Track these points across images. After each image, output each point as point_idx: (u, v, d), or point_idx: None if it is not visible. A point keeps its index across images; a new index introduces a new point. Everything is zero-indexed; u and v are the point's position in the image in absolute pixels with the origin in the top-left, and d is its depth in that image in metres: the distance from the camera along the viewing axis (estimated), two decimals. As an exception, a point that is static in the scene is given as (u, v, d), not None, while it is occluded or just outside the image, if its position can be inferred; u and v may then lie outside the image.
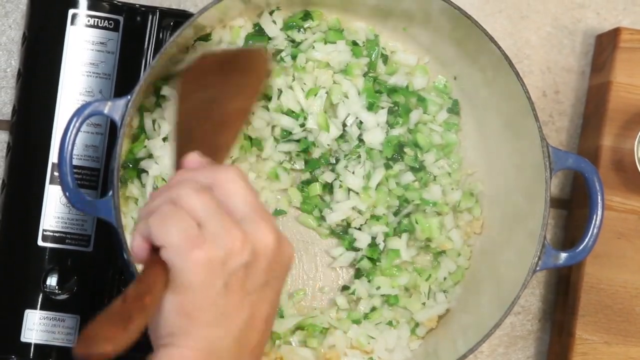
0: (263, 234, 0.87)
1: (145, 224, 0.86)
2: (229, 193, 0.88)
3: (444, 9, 1.17)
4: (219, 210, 0.87)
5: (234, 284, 0.86)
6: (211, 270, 0.85)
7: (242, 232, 0.86)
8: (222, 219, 0.86)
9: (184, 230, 0.85)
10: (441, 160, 1.24)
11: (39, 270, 1.20)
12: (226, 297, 0.86)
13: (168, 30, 1.23)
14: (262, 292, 0.89)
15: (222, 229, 0.86)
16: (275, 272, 0.89)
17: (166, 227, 0.85)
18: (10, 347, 1.20)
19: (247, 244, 0.86)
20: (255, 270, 0.87)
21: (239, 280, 0.87)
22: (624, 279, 1.27)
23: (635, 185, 1.27)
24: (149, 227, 0.86)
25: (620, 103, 1.28)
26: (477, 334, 1.15)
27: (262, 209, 0.89)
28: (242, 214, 0.88)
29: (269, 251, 0.88)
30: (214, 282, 0.85)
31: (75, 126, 1.08)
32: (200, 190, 0.87)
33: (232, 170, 0.89)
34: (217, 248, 0.85)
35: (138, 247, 0.87)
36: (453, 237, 1.24)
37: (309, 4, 1.24)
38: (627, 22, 1.35)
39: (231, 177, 0.89)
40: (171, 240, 0.85)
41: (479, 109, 1.25)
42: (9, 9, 1.26)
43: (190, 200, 0.86)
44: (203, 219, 0.86)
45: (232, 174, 0.89)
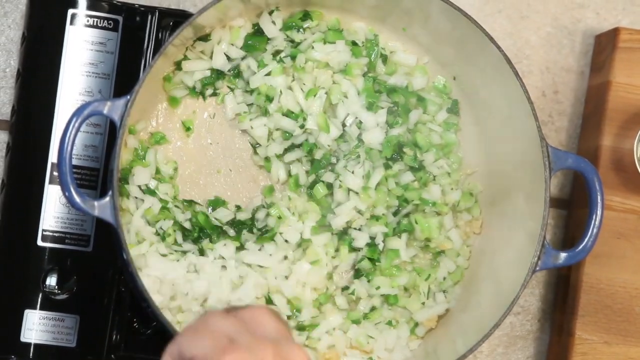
0: (295, 351, 0.89)
1: (174, 344, 0.88)
2: (259, 322, 0.90)
3: (444, 9, 1.17)
4: (248, 330, 0.88)
5: None
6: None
7: (274, 347, 0.87)
8: (253, 336, 0.88)
9: (215, 340, 0.86)
10: (441, 160, 1.24)
11: (38, 270, 1.20)
12: None
13: (167, 30, 1.23)
14: None
15: (254, 342, 0.87)
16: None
17: (196, 339, 0.87)
18: (10, 346, 1.20)
19: (278, 357, 0.87)
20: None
21: None
22: (623, 278, 1.27)
23: (634, 185, 1.27)
24: (177, 344, 0.88)
25: (620, 103, 1.28)
26: (477, 334, 1.15)
27: (292, 338, 0.91)
28: (273, 338, 0.89)
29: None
30: None
31: (75, 126, 1.08)
32: (229, 316, 0.89)
33: (260, 306, 0.92)
34: (249, 356, 0.86)
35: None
36: (452, 237, 1.24)
37: (309, 4, 1.24)
38: (627, 22, 1.35)
39: (260, 310, 0.91)
40: (202, 351, 0.86)
41: (478, 109, 1.25)
42: (8, 9, 1.26)
43: (219, 323, 0.88)
44: (234, 335, 0.87)
45: (260, 309, 0.91)
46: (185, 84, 1.22)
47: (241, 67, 1.22)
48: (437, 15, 1.19)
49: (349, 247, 1.23)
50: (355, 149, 1.23)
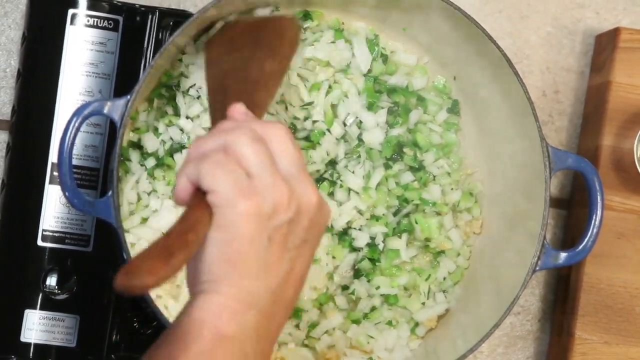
0: (308, 193, 0.89)
1: (195, 167, 0.87)
2: (279, 150, 0.89)
3: (444, 9, 1.17)
4: (271, 164, 0.88)
5: (277, 239, 0.88)
6: (258, 223, 0.86)
7: (290, 189, 0.88)
8: (272, 173, 0.87)
9: (235, 180, 0.86)
10: (441, 160, 1.24)
11: (38, 270, 1.20)
12: (269, 251, 0.87)
13: (168, 30, 1.23)
14: (301, 249, 0.90)
15: (271, 183, 0.87)
16: (314, 231, 0.91)
17: (217, 174, 0.86)
18: (10, 347, 1.20)
19: (294, 201, 0.88)
20: (297, 228, 0.89)
21: (282, 236, 0.88)
22: (623, 278, 1.27)
23: (635, 185, 1.27)
24: (197, 171, 0.87)
25: (620, 103, 1.28)
26: (477, 334, 1.15)
27: (306, 169, 0.91)
28: (289, 172, 0.89)
29: (311, 210, 0.89)
30: (260, 235, 0.86)
31: (75, 126, 1.08)
32: (255, 140, 0.88)
33: (282, 128, 0.91)
34: (265, 201, 0.86)
35: (183, 189, 0.87)
36: (452, 237, 1.24)
37: (309, 4, 1.24)
38: (627, 22, 1.35)
39: (282, 134, 0.90)
40: (221, 188, 0.86)
41: (478, 109, 1.25)
42: (9, 9, 1.26)
43: (244, 150, 0.87)
44: (254, 170, 0.87)
45: (283, 132, 0.90)
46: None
47: None
48: (437, 15, 1.19)
49: (349, 247, 1.23)
50: (356, 148, 1.23)
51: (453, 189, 1.25)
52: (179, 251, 0.83)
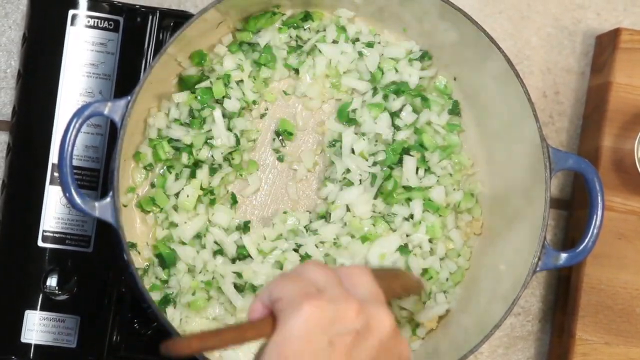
0: (382, 314, 0.89)
1: (268, 289, 0.89)
2: (354, 280, 0.91)
3: (444, 10, 1.17)
4: (341, 284, 0.89)
5: (339, 345, 0.87)
6: (318, 324, 0.86)
7: (360, 305, 0.88)
8: (341, 290, 0.88)
9: (303, 288, 0.87)
10: (444, 161, 1.24)
11: (39, 271, 1.20)
12: (328, 355, 0.87)
13: (168, 31, 1.23)
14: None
15: (340, 295, 0.88)
16: (384, 357, 0.89)
17: (286, 285, 0.88)
18: (10, 347, 1.20)
19: (362, 315, 0.88)
20: (365, 343, 0.88)
21: (344, 344, 0.87)
22: (624, 279, 1.27)
23: (635, 185, 1.27)
24: (269, 288, 0.89)
25: (620, 103, 1.28)
26: (477, 335, 1.15)
27: (385, 302, 0.91)
28: (365, 298, 0.90)
29: (383, 331, 0.89)
30: (318, 337, 0.86)
31: (75, 127, 1.08)
32: (325, 268, 0.90)
33: (361, 266, 0.93)
34: (329, 306, 0.87)
35: (255, 309, 0.89)
36: (453, 237, 1.24)
37: (309, 4, 1.24)
38: (627, 23, 1.35)
39: (359, 270, 0.92)
40: (288, 294, 0.87)
41: (479, 110, 1.25)
42: (9, 10, 1.26)
43: (314, 273, 0.89)
44: (324, 286, 0.88)
45: (361, 269, 0.92)
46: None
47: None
48: (438, 16, 1.19)
49: None
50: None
51: (455, 189, 1.25)
52: (230, 336, 0.87)
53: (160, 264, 1.20)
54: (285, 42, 1.23)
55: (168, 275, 1.20)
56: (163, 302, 1.19)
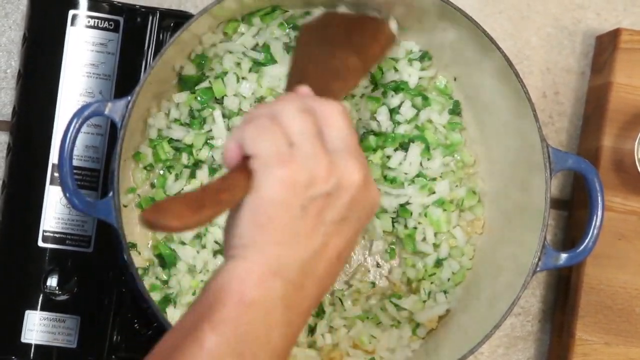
0: (351, 170, 0.88)
1: (242, 131, 0.88)
2: (329, 123, 0.89)
3: (444, 10, 1.17)
4: (314, 136, 0.88)
5: (311, 210, 0.87)
6: (292, 190, 0.86)
7: (331, 162, 0.87)
8: (314, 145, 0.87)
9: (275, 146, 0.86)
10: (447, 157, 1.24)
11: (39, 271, 1.20)
12: (301, 220, 0.87)
13: (168, 31, 1.23)
14: (339, 226, 0.89)
15: (312, 154, 0.87)
16: (356, 211, 0.90)
17: (259, 138, 0.87)
18: (10, 347, 1.20)
19: (333, 175, 0.87)
20: (336, 203, 0.88)
21: (317, 207, 0.87)
22: (624, 279, 1.27)
23: (635, 186, 1.27)
24: (243, 135, 0.88)
25: (620, 104, 1.28)
26: (477, 335, 1.15)
27: (357, 149, 0.90)
28: (336, 147, 0.89)
29: (353, 188, 0.89)
30: (293, 203, 0.86)
31: (76, 127, 1.08)
32: (302, 111, 0.88)
33: (337, 104, 0.91)
34: (302, 170, 0.86)
35: (230, 151, 0.88)
36: (457, 234, 1.24)
37: (309, 4, 1.24)
38: (627, 23, 1.35)
39: (335, 110, 0.90)
40: (261, 152, 0.86)
41: (478, 110, 1.25)
42: (9, 10, 1.26)
43: (289, 119, 0.88)
44: (297, 139, 0.87)
45: (337, 108, 0.90)
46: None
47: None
48: (438, 15, 1.19)
49: None
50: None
51: (457, 186, 1.25)
52: (210, 205, 0.84)
53: (160, 264, 1.20)
54: (284, 42, 1.23)
55: (168, 275, 1.20)
56: (163, 302, 1.19)
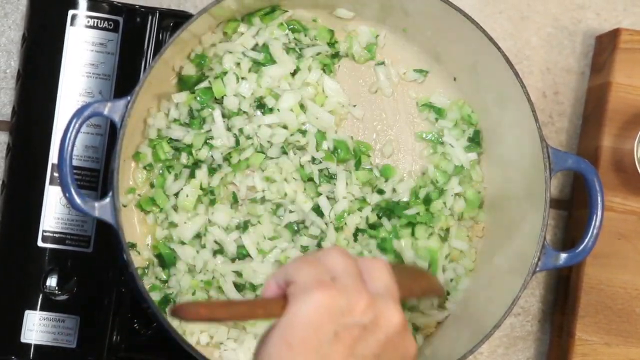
0: (391, 311, 0.89)
1: (285, 267, 0.89)
2: (373, 273, 0.90)
3: (444, 10, 1.17)
4: (356, 275, 0.89)
5: (345, 338, 0.87)
6: (327, 314, 0.86)
7: (371, 298, 0.88)
8: (356, 281, 0.88)
9: (317, 275, 0.87)
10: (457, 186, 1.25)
11: (39, 271, 1.20)
12: (333, 346, 0.86)
13: (168, 31, 1.23)
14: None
15: (353, 287, 0.87)
16: (390, 353, 0.89)
17: (302, 268, 0.88)
18: (10, 347, 1.20)
19: (371, 310, 0.88)
20: (371, 338, 0.88)
21: (351, 337, 0.87)
22: (624, 279, 1.27)
23: (635, 185, 1.27)
24: (286, 271, 0.88)
25: (620, 104, 1.28)
26: (477, 335, 1.15)
27: (398, 300, 0.90)
28: (378, 291, 0.89)
29: (390, 328, 0.89)
30: (326, 327, 0.86)
31: (75, 127, 1.08)
32: (347, 256, 0.89)
33: (382, 260, 0.92)
34: (341, 297, 0.86)
35: (269, 288, 0.89)
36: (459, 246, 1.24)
37: (309, 4, 1.24)
38: (627, 23, 1.35)
39: (380, 264, 0.91)
40: (301, 278, 0.87)
41: (478, 110, 1.25)
42: (9, 10, 1.26)
43: (333, 259, 0.89)
44: (339, 275, 0.88)
45: (381, 263, 0.91)
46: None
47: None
48: (438, 16, 1.19)
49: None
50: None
51: (459, 196, 1.24)
52: (240, 310, 0.87)
53: (160, 264, 1.20)
54: (284, 42, 1.23)
55: (168, 275, 1.20)
56: (163, 302, 1.19)
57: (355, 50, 1.25)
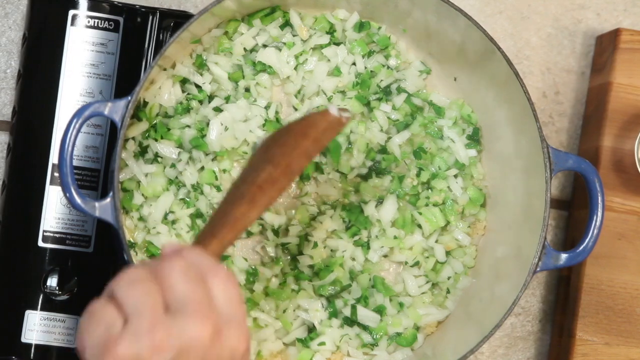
0: (194, 328, 0.83)
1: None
2: (169, 281, 0.84)
3: (444, 10, 1.17)
4: (152, 304, 0.82)
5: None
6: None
7: (167, 329, 0.82)
8: (151, 315, 0.82)
9: (106, 330, 0.82)
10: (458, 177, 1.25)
11: (39, 271, 1.20)
12: None
13: (168, 31, 1.23)
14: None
15: (146, 325, 0.82)
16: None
17: (89, 328, 0.83)
18: (10, 347, 1.20)
19: (169, 340, 0.82)
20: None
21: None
22: (624, 279, 1.27)
23: (635, 186, 1.27)
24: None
25: (620, 104, 1.28)
26: (478, 335, 1.15)
27: (204, 300, 0.84)
28: (177, 307, 0.83)
29: (199, 346, 0.83)
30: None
31: (75, 127, 1.08)
32: (143, 279, 0.83)
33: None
34: (133, 346, 0.81)
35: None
36: (460, 237, 1.24)
37: (308, 5, 1.24)
38: (627, 23, 1.35)
39: (175, 265, 0.85)
40: (89, 344, 0.83)
41: (478, 110, 1.25)
42: (9, 10, 1.26)
43: (125, 292, 0.83)
44: (131, 314, 0.82)
45: (176, 263, 0.84)
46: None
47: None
48: (437, 16, 1.19)
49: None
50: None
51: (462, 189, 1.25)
52: None
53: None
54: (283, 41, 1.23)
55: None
56: (163, 302, 1.18)
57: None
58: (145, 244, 1.19)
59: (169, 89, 1.20)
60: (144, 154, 1.19)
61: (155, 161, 1.20)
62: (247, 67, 1.22)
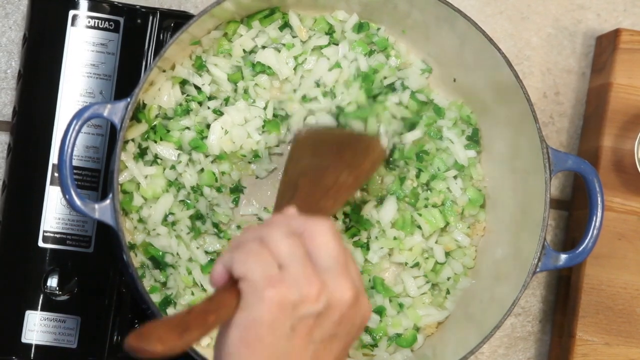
0: (342, 288, 0.89)
1: (230, 255, 0.89)
2: (317, 243, 0.90)
3: (444, 11, 1.17)
4: (303, 257, 0.89)
5: (301, 329, 0.88)
6: (281, 310, 0.87)
7: (321, 282, 0.88)
8: (304, 266, 0.88)
9: (265, 268, 0.87)
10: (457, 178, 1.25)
11: (39, 271, 1.20)
12: (291, 340, 0.88)
13: (168, 32, 1.23)
14: (329, 344, 0.90)
15: (301, 275, 0.88)
16: (346, 328, 0.91)
17: (248, 261, 0.88)
18: (11, 347, 1.20)
19: (323, 295, 0.88)
20: (326, 321, 0.89)
21: (307, 327, 0.88)
22: (624, 280, 1.28)
23: (635, 186, 1.27)
24: (232, 259, 0.88)
25: (620, 104, 1.28)
26: (478, 335, 1.15)
27: (347, 265, 0.91)
28: (326, 266, 0.89)
29: (344, 306, 0.90)
30: (282, 323, 0.87)
31: (75, 128, 1.08)
32: (290, 235, 0.89)
33: (324, 223, 0.91)
34: (292, 291, 0.87)
35: (217, 275, 0.89)
36: (459, 238, 1.24)
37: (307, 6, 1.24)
38: (627, 24, 1.35)
39: (323, 229, 0.91)
40: (250, 275, 0.87)
41: (478, 111, 1.25)
42: (10, 10, 1.26)
43: (277, 243, 0.89)
44: (286, 262, 0.88)
45: (324, 227, 0.91)
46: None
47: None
48: (437, 16, 1.19)
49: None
50: None
51: (462, 190, 1.25)
52: (195, 328, 0.85)
53: (155, 266, 1.19)
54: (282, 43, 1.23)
55: (165, 276, 1.20)
56: (163, 303, 1.19)
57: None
58: (145, 245, 1.19)
59: (169, 90, 1.20)
60: (143, 155, 1.19)
61: (155, 163, 1.20)
62: (246, 69, 1.22)
